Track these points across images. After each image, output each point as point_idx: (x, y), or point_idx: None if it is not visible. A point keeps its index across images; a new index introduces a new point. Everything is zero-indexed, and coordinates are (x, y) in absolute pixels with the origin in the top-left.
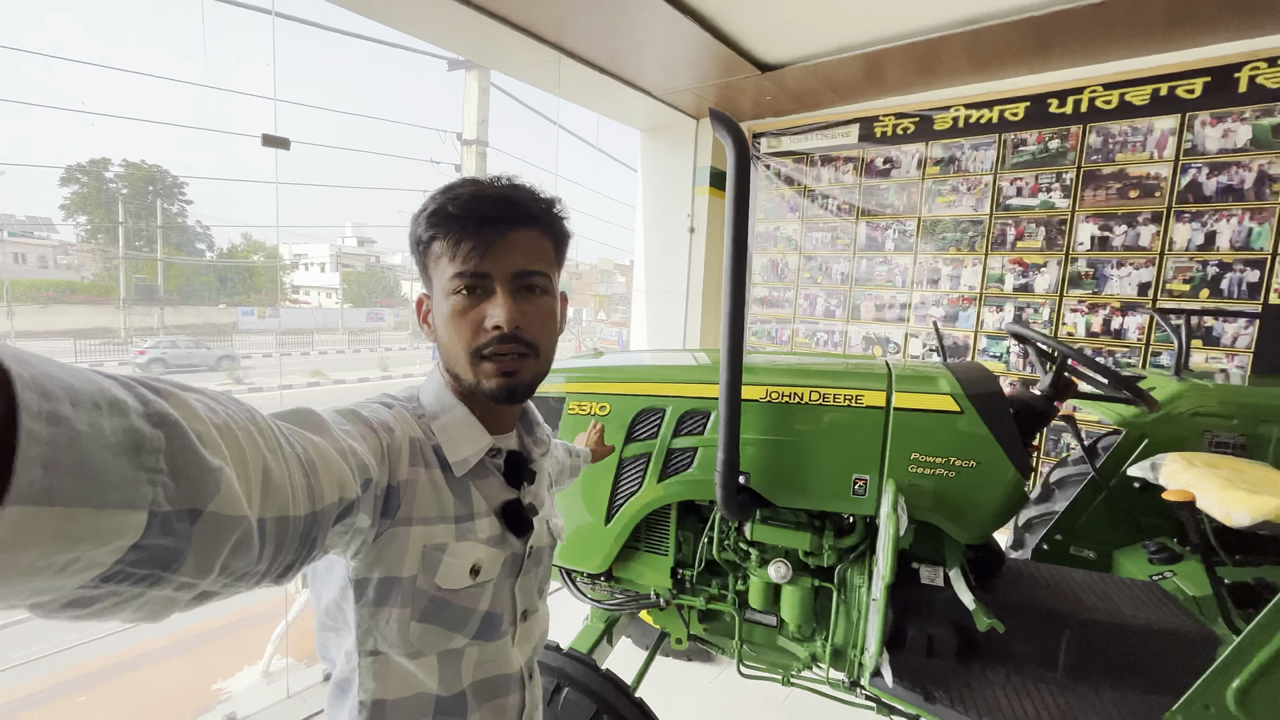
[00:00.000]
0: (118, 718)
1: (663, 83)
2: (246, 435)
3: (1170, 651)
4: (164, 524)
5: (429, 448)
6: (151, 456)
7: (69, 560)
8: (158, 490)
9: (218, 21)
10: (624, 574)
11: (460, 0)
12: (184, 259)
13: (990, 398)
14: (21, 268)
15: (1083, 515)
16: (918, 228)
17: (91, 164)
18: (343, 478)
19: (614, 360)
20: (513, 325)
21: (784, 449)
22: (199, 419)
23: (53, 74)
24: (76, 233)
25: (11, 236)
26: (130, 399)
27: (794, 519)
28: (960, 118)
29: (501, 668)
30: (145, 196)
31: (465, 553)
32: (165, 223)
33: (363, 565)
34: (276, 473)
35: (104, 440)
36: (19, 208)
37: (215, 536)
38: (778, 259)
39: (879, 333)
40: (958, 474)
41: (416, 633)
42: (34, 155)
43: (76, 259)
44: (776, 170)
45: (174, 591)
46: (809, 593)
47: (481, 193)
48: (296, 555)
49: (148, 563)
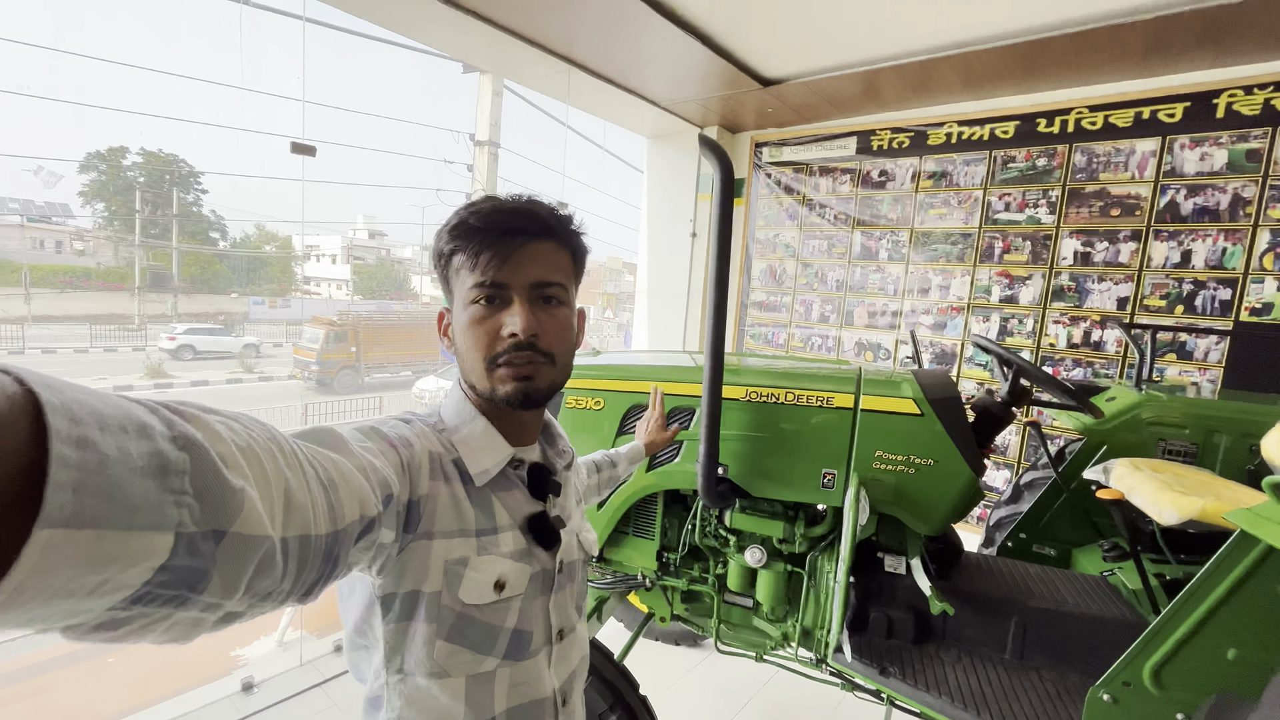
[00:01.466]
0: (144, 678)
1: (668, 94)
2: (268, 455)
3: (1106, 637)
4: (190, 545)
5: (449, 461)
6: (177, 479)
7: (99, 582)
8: (183, 512)
9: (253, 27)
10: (614, 556)
11: (475, 16)
12: (198, 248)
13: (948, 402)
14: (39, 253)
15: (1045, 515)
16: (910, 238)
17: (110, 152)
18: (363, 495)
19: (610, 359)
20: (529, 333)
21: (761, 444)
22: (222, 440)
23: (96, 74)
24: (94, 220)
25: (30, 222)
26: (156, 422)
27: (770, 509)
28: (953, 134)
29: (535, 691)
30: (162, 185)
31: (487, 567)
32: (180, 212)
33: (388, 580)
34: (298, 492)
35: (131, 463)
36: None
37: (240, 556)
38: (776, 265)
39: (871, 339)
40: (917, 471)
41: (443, 652)
42: (65, 150)
43: (93, 245)
44: (777, 179)
45: (201, 612)
46: (782, 577)
47: (501, 206)
48: (320, 574)
49: (175, 584)
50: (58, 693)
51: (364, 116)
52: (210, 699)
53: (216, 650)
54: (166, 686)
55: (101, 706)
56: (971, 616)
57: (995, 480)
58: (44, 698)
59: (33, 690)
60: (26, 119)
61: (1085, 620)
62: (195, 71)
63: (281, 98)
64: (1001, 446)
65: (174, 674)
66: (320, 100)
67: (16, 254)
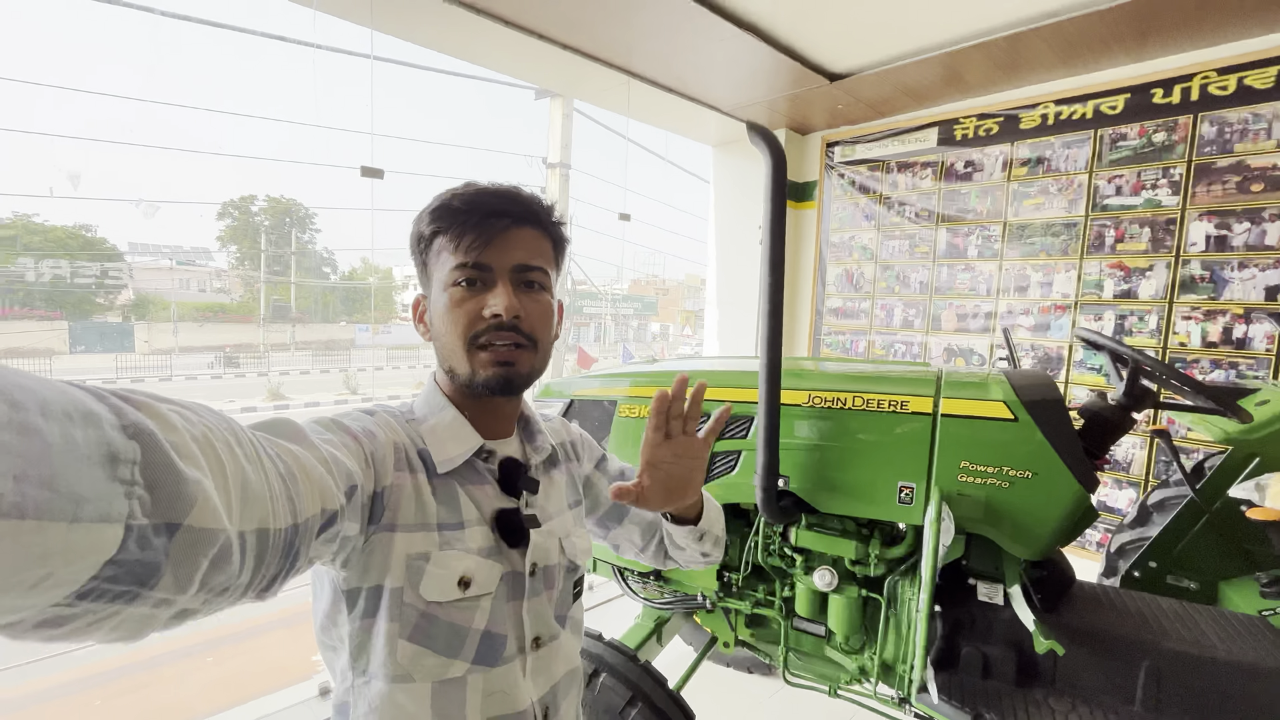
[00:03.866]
0: (233, 677)
1: (731, 98)
2: (225, 446)
3: (1266, 690)
4: (140, 538)
5: (414, 453)
6: (127, 468)
7: (41, 576)
8: (134, 503)
9: (327, 68)
10: (673, 574)
11: (534, 35)
12: (312, 281)
13: (1048, 405)
14: (185, 291)
15: (1181, 541)
16: (1003, 232)
17: (241, 200)
18: (324, 488)
19: (665, 366)
20: (511, 314)
21: (827, 454)
22: (175, 430)
23: (199, 123)
24: (228, 260)
25: (179, 265)
26: (104, 410)
27: (840, 526)
28: (1049, 115)
29: (512, 703)
30: (283, 227)
31: (451, 563)
32: (298, 249)
33: (353, 574)
34: (256, 484)
35: (77, 452)
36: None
37: (194, 550)
38: (852, 269)
39: (961, 343)
40: (1012, 485)
41: (406, 653)
42: (190, 193)
43: (227, 283)
44: (851, 179)
45: (152, 609)
46: (856, 603)
47: (485, 190)
48: (279, 568)
49: (124, 579)
50: (158, 689)
51: (437, 146)
52: (290, 702)
53: (299, 656)
54: (252, 688)
55: (196, 703)
56: (1089, 658)
57: (1117, 500)
58: (146, 693)
59: (136, 685)
60: (159, 167)
61: (1238, 669)
62: (275, 113)
63: (355, 132)
64: (1123, 461)
65: (260, 676)
66: (393, 133)
67: (167, 292)
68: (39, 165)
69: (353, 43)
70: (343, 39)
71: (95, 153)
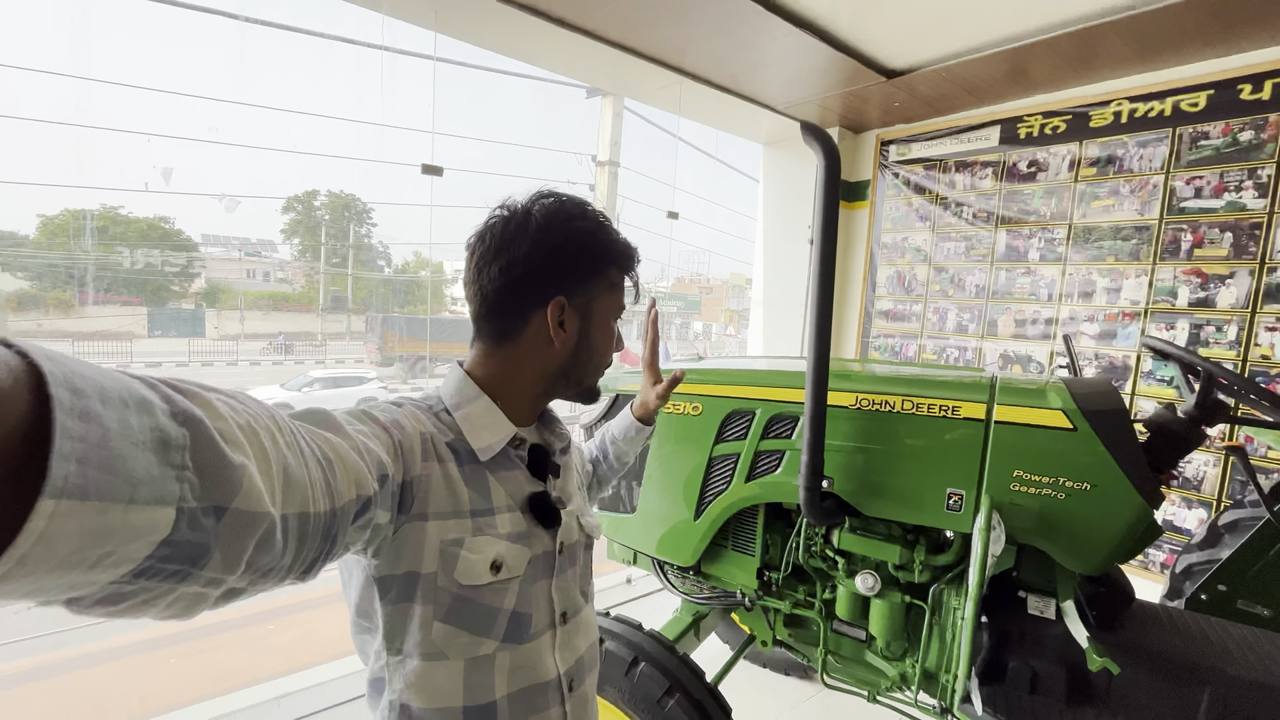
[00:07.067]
0: (293, 645)
1: (784, 96)
2: (267, 433)
3: None
4: (191, 520)
5: (442, 443)
6: (178, 453)
7: (102, 554)
8: (184, 486)
9: (392, 69)
10: (713, 570)
11: (589, 35)
12: (368, 274)
13: (1110, 415)
14: (251, 281)
15: (1255, 565)
16: (1068, 235)
17: (305, 194)
18: (359, 475)
19: (710, 363)
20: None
21: (874, 457)
22: (221, 417)
23: (273, 122)
24: (290, 252)
25: (246, 256)
26: (156, 398)
27: (885, 530)
28: (1123, 112)
29: (538, 675)
30: (342, 221)
31: (484, 547)
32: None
33: (385, 563)
34: (296, 470)
35: (133, 437)
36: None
37: (240, 532)
38: (904, 270)
39: (1019, 350)
40: (1068, 496)
41: (440, 633)
42: (259, 188)
43: (290, 274)
44: (905, 179)
45: (203, 588)
46: (899, 608)
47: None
48: (319, 552)
49: (177, 558)
50: (228, 651)
51: (490, 144)
52: (345, 671)
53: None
54: (310, 656)
55: (263, 665)
56: (1147, 679)
57: (1185, 520)
58: (217, 655)
59: (209, 648)
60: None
61: None
62: (341, 112)
63: (417, 130)
64: (1193, 479)
65: (319, 645)
66: (452, 132)
67: (235, 282)
68: (134, 161)
69: (417, 45)
70: (408, 42)
71: (182, 150)
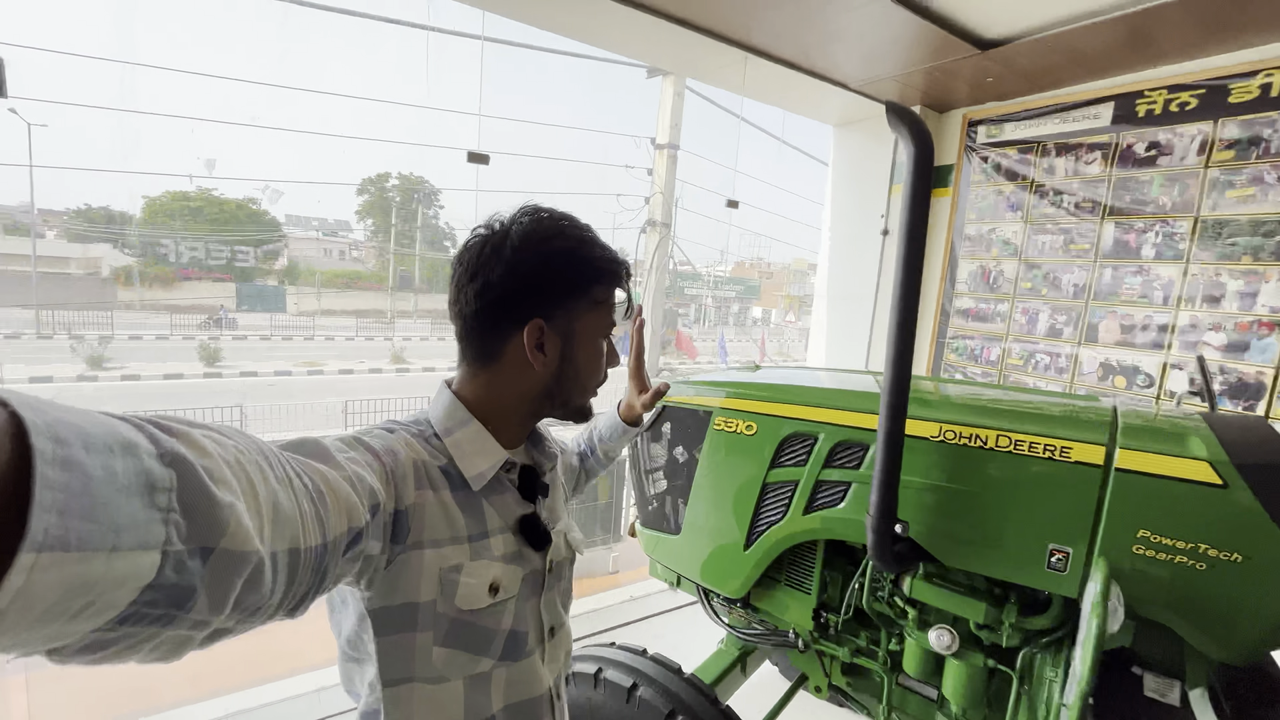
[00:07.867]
0: None
1: (860, 73)
2: (256, 469)
3: None
4: (177, 563)
5: (435, 469)
6: (164, 495)
7: (84, 604)
8: (170, 529)
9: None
10: (763, 604)
11: (648, 10)
12: (433, 254)
13: (1273, 470)
14: (327, 259)
15: None
16: (1193, 229)
17: (378, 176)
18: (351, 505)
19: (767, 377)
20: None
21: (958, 500)
22: (209, 456)
23: (333, 108)
24: (364, 232)
25: (324, 236)
26: (142, 440)
27: (967, 582)
28: (1273, 84)
29: (532, 689)
30: (411, 203)
31: (481, 571)
32: (423, 224)
33: (378, 595)
34: (286, 505)
35: (117, 483)
36: (329, 213)
37: (227, 573)
38: (990, 266)
39: (1124, 360)
40: (1211, 568)
41: (441, 657)
42: (333, 173)
43: (363, 254)
44: (995, 163)
45: (188, 630)
46: (980, 672)
47: (623, 260)
48: (309, 586)
49: (162, 603)
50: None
51: (543, 127)
52: None
53: None
54: None
55: (313, 653)
56: None
57: None
58: (267, 640)
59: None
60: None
61: None
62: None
63: (463, 114)
64: None
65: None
66: (501, 114)
67: (313, 260)
68: (198, 148)
69: (464, 24)
70: (455, 21)
71: (239, 136)
